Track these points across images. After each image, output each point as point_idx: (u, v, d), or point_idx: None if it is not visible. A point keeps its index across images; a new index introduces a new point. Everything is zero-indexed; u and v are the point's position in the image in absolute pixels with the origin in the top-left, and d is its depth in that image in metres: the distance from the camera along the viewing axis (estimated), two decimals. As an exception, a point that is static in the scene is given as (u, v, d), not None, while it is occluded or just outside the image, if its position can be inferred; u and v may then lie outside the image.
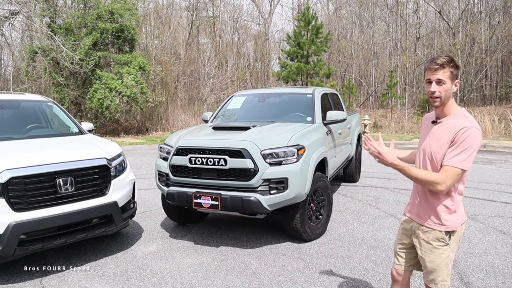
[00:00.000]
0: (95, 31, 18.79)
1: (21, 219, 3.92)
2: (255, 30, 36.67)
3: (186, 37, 28.51)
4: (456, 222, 2.47)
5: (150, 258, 4.70)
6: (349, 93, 21.42)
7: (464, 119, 2.38)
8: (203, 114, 7.00)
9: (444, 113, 2.47)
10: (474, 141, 2.30)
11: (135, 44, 20.79)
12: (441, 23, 27.98)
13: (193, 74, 27.85)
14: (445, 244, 2.49)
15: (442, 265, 2.51)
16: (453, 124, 2.39)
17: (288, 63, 20.10)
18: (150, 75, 20.30)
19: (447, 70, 2.36)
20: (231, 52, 31.62)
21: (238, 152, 4.58)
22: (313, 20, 19.72)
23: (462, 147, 2.31)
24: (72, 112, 19.06)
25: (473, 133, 2.30)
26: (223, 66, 29.86)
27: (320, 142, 5.50)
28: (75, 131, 5.80)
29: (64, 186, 4.23)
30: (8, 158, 4.13)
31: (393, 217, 6.07)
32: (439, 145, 2.41)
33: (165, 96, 22.13)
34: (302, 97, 6.61)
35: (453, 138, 2.34)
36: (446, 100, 2.41)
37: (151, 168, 10.30)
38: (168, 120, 22.35)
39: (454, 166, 2.32)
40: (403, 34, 28.70)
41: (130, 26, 19.52)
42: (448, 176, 2.32)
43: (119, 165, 4.92)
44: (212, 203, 4.68)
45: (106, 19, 18.86)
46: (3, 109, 5.68)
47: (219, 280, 4.10)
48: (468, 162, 2.32)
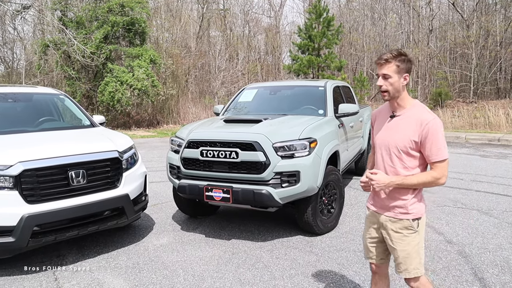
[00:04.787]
0: (106, 24, 18.83)
1: (34, 211, 3.95)
2: (266, 23, 36.49)
3: (197, 30, 28.44)
4: (421, 209, 2.59)
5: (161, 250, 4.71)
6: (360, 86, 21.19)
7: (424, 111, 2.50)
8: (214, 107, 6.97)
9: (400, 106, 2.56)
10: (440, 131, 2.45)
11: (146, 37, 20.80)
12: (455, 15, 27.55)
13: (203, 67, 27.81)
14: (414, 232, 2.57)
15: (413, 252, 2.57)
16: (415, 116, 2.49)
17: (299, 56, 19.95)
18: (161, 68, 20.32)
19: (393, 65, 2.45)
20: (242, 45, 31.51)
21: (250, 145, 4.55)
22: (325, 13, 19.50)
23: (437, 140, 2.43)
24: (83, 105, 19.16)
25: (437, 124, 2.43)
26: (233, 59, 29.77)
27: (332, 135, 5.44)
28: (86, 124, 5.82)
29: (76, 178, 4.24)
30: (20, 151, 4.16)
31: (406, 211, 6.00)
32: (406, 137, 2.49)
33: (176, 89, 22.15)
34: (314, 89, 6.55)
35: (422, 133, 2.44)
36: (396, 93, 2.51)
37: (162, 161, 10.32)
38: (179, 113, 22.38)
39: (443, 159, 2.45)
40: (415, 26, 28.31)
41: (140, 19, 19.52)
42: (443, 169, 2.46)
43: (131, 158, 4.93)
44: (223, 196, 4.66)
45: (117, 12, 18.88)
46: (16, 102, 5.72)
47: (231, 273, 4.09)
48: (446, 149, 2.48)
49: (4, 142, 4.49)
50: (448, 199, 6.63)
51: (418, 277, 2.62)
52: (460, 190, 7.22)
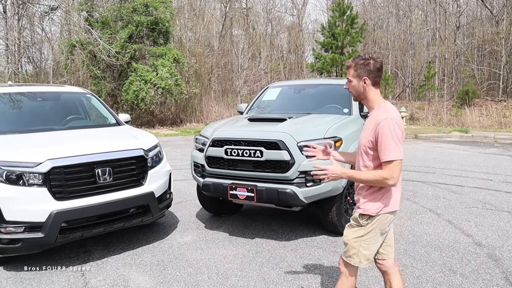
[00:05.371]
0: (130, 24, 19.10)
1: (62, 207, 4.02)
2: (289, 21, 36.38)
3: (220, 29, 28.56)
4: (372, 208, 2.64)
5: (185, 248, 4.73)
6: (384, 84, 20.91)
7: (383, 111, 2.58)
8: (238, 106, 6.96)
9: (370, 107, 2.71)
10: (391, 131, 2.48)
11: (170, 37, 21.01)
12: (483, 11, 26.90)
13: (226, 66, 27.91)
14: (358, 225, 2.70)
15: (352, 241, 2.72)
16: (375, 116, 2.60)
17: (323, 54, 19.82)
18: (184, 67, 20.48)
19: (352, 70, 2.67)
20: (265, 43, 31.47)
21: (275, 144, 4.52)
22: (348, 10, 19.34)
23: (386, 140, 2.49)
24: (108, 103, 19.47)
25: (387, 124, 2.49)
26: (256, 58, 29.79)
27: (357, 135, 5.34)
28: (112, 122, 5.90)
29: (103, 176, 4.30)
30: (49, 149, 4.24)
31: (432, 212, 5.88)
32: (366, 136, 2.62)
33: (199, 88, 22.30)
34: (339, 88, 6.46)
35: (376, 133, 2.53)
36: (360, 95, 2.69)
37: (186, 159, 10.39)
38: (202, 112, 22.53)
39: (389, 160, 2.49)
40: (442, 23, 27.75)
41: (164, 18, 19.72)
42: (391, 170, 2.50)
43: (156, 156, 4.97)
44: (247, 195, 4.65)
45: (141, 12, 19.12)
46: (45, 101, 5.84)
47: (255, 272, 4.08)
48: (398, 151, 2.49)
49: (33, 140, 4.59)
50: (477, 200, 6.46)
51: (352, 267, 2.76)
52: (489, 191, 7.03)
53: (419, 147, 12.92)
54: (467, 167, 9.23)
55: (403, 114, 16.49)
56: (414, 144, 13.70)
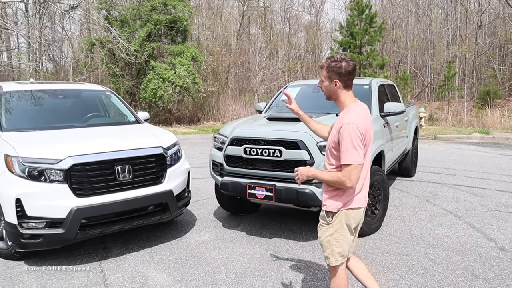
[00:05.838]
0: (149, 23, 19.22)
1: (83, 204, 4.06)
2: (307, 20, 36.13)
3: (237, 27, 28.56)
4: (333, 205, 2.73)
5: (203, 246, 4.73)
6: (403, 84, 20.64)
7: (347, 115, 2.65)
8: (256, 105, 6.94)
9: (340, 108, 2.79)
10: (351, 135, 2.54)
11: (188, 35, 21.08)
12: (506, 9, 26.28)
13: (244, 64, 27.90)
14: (326, 223, 2.79)
15: (324, 241, 2.81)
16: (340, 118, 2.69)
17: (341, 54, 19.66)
18: (202, 65, 20.53)
19: (324, 71, 2.73)
20: (282, 42, 31.35)
21: (294, 144, 4.49)
22: (367, 9, 19.11)
23: (345, 144, 2.55)
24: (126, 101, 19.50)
25: (348, 128, 2.55)
26: (273, 57, 29.69)
27: (377, 135, 5.30)
28: (132, 120, 5.93)
29: (123, 173, 4.33)
30: (70, 145, 4.28)
31: (453, 215, 5.77)
32: (332, 136, 2.72)
33: (216, 86, 22.34)
34: (359, 88, 6.38)
35: (339, 134, 2.60)
36: (332, 95, 2.77)
37: (203, 158, 10.42)
38: (219, 110, 22.57)
39: (346, 163, 2.56)
40: (463, 22, 27.24)
41: (182, 17, 19.81)
42: (348, 173, 2.56)
43: (175, 154, 4.98)
44: (266, 194, 4.63)
45: (159, 11, 19.23)
46: (66, 98, 5.91)
47: (273, 272, 4.06)
48: (356, 155, 2.54)
49: (55, 137, 4.64)
50: (500, 204, 6.32)
51: (333, 266, 2.84)
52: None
53: (438, 148, 12.72)
54: (489, 169, 9.04)
55: (422, 114, 16.26)
56: (433, 145, 13.49)
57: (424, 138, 15.17)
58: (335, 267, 2.84)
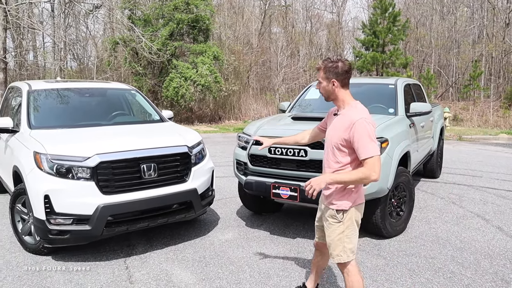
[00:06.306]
0: (171, 22, 19.40)
1: (109, 201, 4.10)
2: (328, 19, 35.87)
3: (259, 26, 28.54)
4: (345, 204, 2.81)
5: (227, 245, 4.73)
6: (427, 84, 20.30)
7: (354, 111, 2.74)
8: (280, 104, 6.91)
9: (339, 107, 2.87)
10: (365, 129, 2.64)
11: (210, 34, 21.18)
12: (535, 7, 25.59)
13: (265, 63, 27.86)
14: (337, 221, 2.84)
15: (336, 240, 2.86)
16: (347, 116, 2.75)
17: (363, 53, 19.43)
18: (223, 64, 20.61)
19: (321, 72, 2.83)
20: (304, 41, 31.20)
21: (319, 144, 4.44)
22: (390, 7, 18.84)
23: (362, 139, 2.64)
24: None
25: (362, 123, 2.65)
26: (295, 56, 29.59)
27: (403, 135, 5.21)
28: (156, 119, 5.97)
29: (148, 172, 4.35)
30: (97, 143, 4.33)
31: (481, 218, 5.64)
32: (338, 135, 2.77)
33: (237, 85, 22.39)
34: (384, 87, 6.31)
35: (351, 132, 2.67)
36: (331, 95, 2.84)
37: (225, 156, 10.44)
38: (241, 109, 22.61)
39: (370, 156, 2.62)
40: (489, 20, 26.62)
41: (205, 16, 19.91)
42: (373, 166, 2.62)
43: (199, 153, 4.99)
44: (290, 194, 4.60)
45: (182, 10, 19.38)
46: (92, 96, 5.99)
47: (296, 273, 4.03)
48: (375, 147, 2.65)
49: (82, 135, 4.71)
50: (529, 206, 6.15)
51: (344, 263, 2.89)
52: (543, 197, 6.68)
53: (463, 149, 12.46)
54: (517, 171, 8.82)
55: (446, 114, 15.95)
56: (458, 146, 13.22)
57: (448, 138, 14.88)
58: (345, 264, 2.90)
